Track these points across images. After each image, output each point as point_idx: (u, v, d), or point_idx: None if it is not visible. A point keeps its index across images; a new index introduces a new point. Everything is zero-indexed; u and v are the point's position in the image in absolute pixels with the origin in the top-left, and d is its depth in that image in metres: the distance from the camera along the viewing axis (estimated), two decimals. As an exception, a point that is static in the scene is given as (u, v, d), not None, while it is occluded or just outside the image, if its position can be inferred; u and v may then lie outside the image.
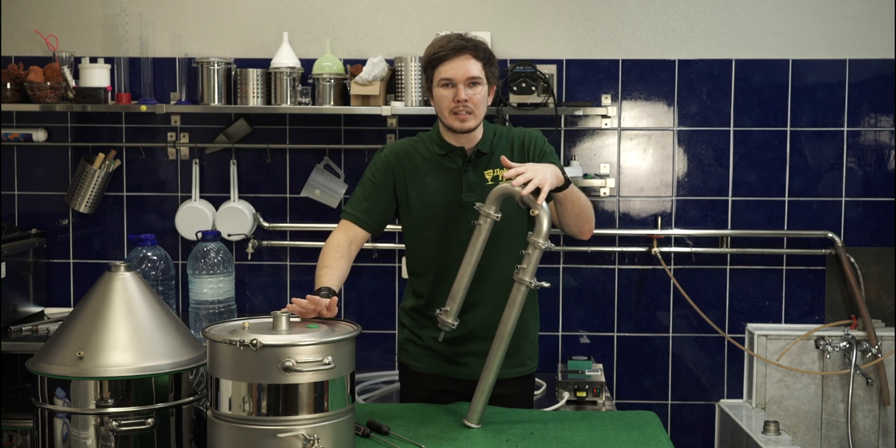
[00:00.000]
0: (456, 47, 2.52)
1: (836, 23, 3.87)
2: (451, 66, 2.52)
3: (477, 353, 2.62)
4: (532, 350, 2.73)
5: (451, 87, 2.53)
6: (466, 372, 2.63)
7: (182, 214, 3.89)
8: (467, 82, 2.52)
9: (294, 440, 1.96)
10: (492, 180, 2.60)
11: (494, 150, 2.63)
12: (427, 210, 2.61)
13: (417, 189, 2.62)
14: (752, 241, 3.92)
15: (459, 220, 2.58)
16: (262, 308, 3.95)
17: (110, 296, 2.07)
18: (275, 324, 2.09)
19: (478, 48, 2.55)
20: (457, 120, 2.54)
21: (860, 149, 3.90)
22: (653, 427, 2.37)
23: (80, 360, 1.98)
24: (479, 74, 2.53)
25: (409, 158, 2.64)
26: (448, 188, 2.60)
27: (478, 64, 2.54)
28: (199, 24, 3.93)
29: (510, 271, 2.41)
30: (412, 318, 2.72)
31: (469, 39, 2.55)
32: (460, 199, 2.59)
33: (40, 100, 3.73)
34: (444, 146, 2.62)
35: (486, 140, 2.63)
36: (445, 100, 2.54)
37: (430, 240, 2.63)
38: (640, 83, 3.90)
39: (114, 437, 1.98)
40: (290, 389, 1.96)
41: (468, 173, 2.60)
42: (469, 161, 2.61)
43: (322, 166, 3.89)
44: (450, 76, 2.52)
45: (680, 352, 3.96)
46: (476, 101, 2.53)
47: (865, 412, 3.84)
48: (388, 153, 2.66)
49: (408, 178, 2.63)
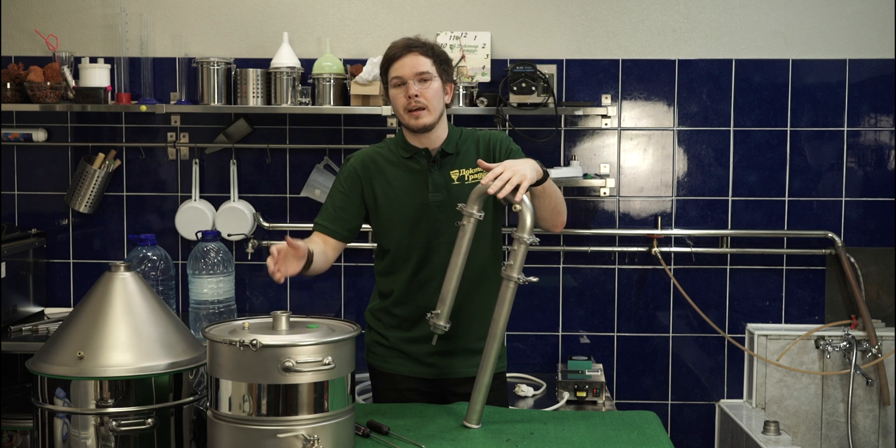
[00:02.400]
0: (404, 46, 2.58)
1: (836, 23, 3.87)
2: (399, 65, 2.57)
3: (443, 353, 2.65)
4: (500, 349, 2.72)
5: (403, 86, 2.57)
6: (433, 372, 2.66)
7: (182, 214, 3.89)
8: (416, 78, 2.56)
9: (294, 440, 1.96)
10: (457, 180, 2.62)
11: (460, 150, 2.65)
12: (394, 211, 2.63)
13: (384, 191, 2.64)
14: (752, 241, 3.92)
15: (427, 220, 2.61)
16: (262, 308, 3.96)
17: (110, 296, 2.07)
18: (275, 324, 2.09)
19: (426, 46, 2.60)
20: (412, 117, 2.57)
21: (860, 149, 3.90)
22: (653, 427, 2.37)
23: (80, 360, 1.98)
24: (428, 70, 2.57)
25: (374, 163, 2.66)
26: (414, 189, 2.62)
27: (427, 60, 2.58)
28: (199, 24, 3.93)
29: (475, 271, 2.51)
30: (378, 319, 2.73)
31: (420, 40, 2.61)
32: (427, 199, 2.61)
33: (40, 100, 3.73)
34: (409, 148, 2.64)
35: (451, 141, 2.64)
36: (399, 98, 2.58)
37: (398, 240, 2.64)
38: (640, 83, 3.90)
39: (114, 437, 1.98)
40: (290, 389, 1.96)
41: (433, 173, 2.61)
42: (434, 161, 2.62)
43: (322, 166, 3.89)
44: (399, 74, 2.56)
45: (680, 352, 3.96)
46: (428, 96, 2.56)
47: (865, 412, 3.84)
48: (354, 161, 2.68)
49: (374, 183, 2.64)
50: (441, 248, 2.59)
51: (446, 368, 2.66)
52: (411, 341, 2.67)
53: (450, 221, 2.58)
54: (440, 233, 2.59)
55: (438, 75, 2.59)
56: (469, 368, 2.65)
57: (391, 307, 2.69)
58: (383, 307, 2.71)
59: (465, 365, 2.66)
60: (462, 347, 2.66)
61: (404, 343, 2.68)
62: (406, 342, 2.68)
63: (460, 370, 2.66)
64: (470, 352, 2.66)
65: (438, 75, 2.59)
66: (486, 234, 2.62)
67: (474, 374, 2.61)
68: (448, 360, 2.66)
